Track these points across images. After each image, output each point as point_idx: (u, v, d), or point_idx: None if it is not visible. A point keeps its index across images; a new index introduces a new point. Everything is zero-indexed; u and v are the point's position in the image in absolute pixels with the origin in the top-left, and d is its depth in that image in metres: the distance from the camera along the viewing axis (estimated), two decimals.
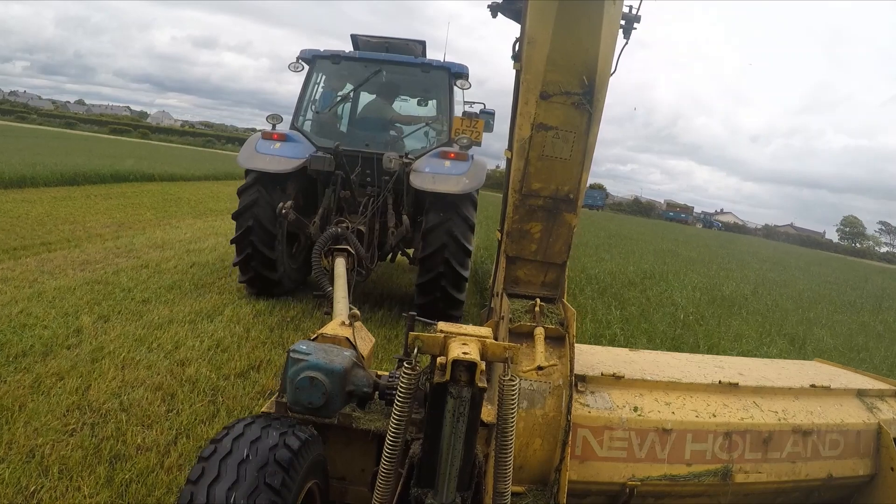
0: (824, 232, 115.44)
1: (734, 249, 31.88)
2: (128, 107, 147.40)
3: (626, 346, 4.91)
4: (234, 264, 6.63)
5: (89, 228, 9.73)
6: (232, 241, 6.51)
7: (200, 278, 7.22)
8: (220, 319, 5.70)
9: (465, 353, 1.80)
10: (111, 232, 9.67)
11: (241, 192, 6.45)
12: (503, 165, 3.40)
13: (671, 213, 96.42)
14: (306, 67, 7.25)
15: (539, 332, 2.59)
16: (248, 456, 1.85)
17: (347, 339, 2.59)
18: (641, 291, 10.44)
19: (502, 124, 7.84)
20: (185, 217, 12.81)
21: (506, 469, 1.94)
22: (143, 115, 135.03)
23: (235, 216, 6.39)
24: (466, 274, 6.30)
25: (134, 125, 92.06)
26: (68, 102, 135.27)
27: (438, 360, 1.87)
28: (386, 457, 1.91)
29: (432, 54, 7.99)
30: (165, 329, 5.21)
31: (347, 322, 2.83)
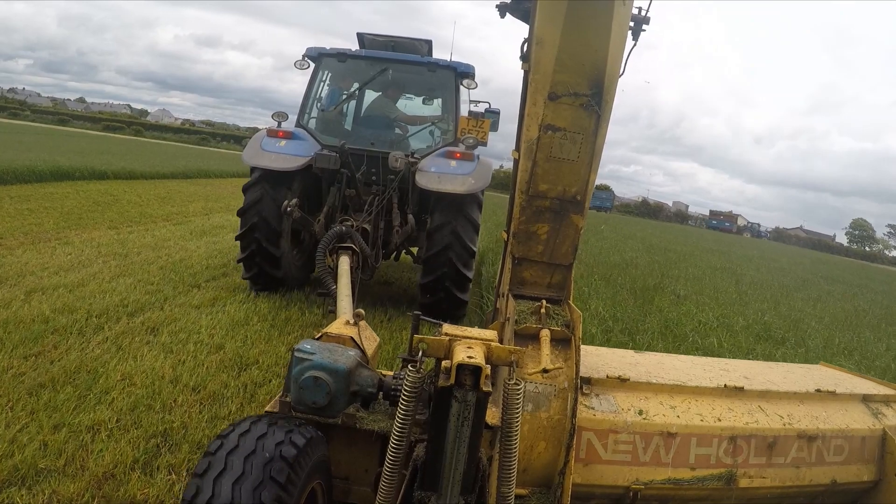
0: (834, 235, 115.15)
1: (780, 262, 28.72)
2: (128, 105, 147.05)
3: None
4: (239, 261, 6.67)
5: None
6: (237, 238, 6.54)
7: None
8: None
9: (469, 358, 1.78)
10: None
11: (246, 189, 6.47)
12: (507, 165, 3.38)
13: (714, 222, 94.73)
14: (312, 65, 7.25)
15: (545, 334, 2.58)
16: (254, 450, 1.85)
17: (352, 338, 2.58)
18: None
19: (507, 124, 7.82)
20: (97, 227, 9.76)
21: (510, 472, 1.93)
22: (143, 113, 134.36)
23: (240, 213, 6.42)
24: (470, 275, 6.31)
25: (128, 122, 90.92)
26: (67, 100, 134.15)
27: (443, 363, 1.85)
28: (390, 458, 1.91)
29: (436, 54, 7.97)
30: None
31: (352, 321, 2.82)
